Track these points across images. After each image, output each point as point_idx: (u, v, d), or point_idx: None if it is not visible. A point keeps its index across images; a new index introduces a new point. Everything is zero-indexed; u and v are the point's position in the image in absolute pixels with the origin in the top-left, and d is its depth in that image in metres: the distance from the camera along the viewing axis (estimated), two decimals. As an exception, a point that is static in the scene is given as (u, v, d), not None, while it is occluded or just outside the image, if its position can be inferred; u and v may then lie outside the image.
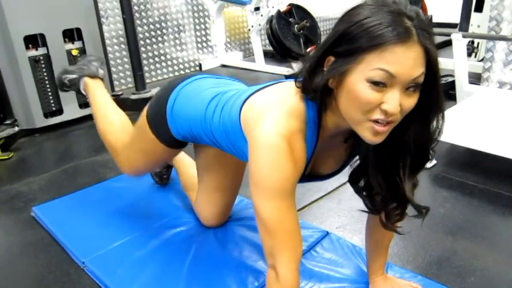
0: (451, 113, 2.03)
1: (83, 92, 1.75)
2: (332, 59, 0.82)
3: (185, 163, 1.70)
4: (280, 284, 0.89)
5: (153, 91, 3.04)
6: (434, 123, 0.88)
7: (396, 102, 0.77)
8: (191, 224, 1.59)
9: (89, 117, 2.88)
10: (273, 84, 1.02)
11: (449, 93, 2.84)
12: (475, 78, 2.94)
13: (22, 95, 2.58)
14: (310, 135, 0.92)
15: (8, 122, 2.54)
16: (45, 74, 2.64)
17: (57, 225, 1.63)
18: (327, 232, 1.50)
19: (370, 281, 1.24)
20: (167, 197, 1.78)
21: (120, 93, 3.11)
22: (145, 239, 1.51)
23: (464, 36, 2.20)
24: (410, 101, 0.80)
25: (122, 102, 3.10)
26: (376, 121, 0.80)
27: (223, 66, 4.24)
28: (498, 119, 1.96)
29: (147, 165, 1.45)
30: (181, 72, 4.03)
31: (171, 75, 3.95)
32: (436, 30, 2.40)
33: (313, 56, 0.86)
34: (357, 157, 1.03)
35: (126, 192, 1.84)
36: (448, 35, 2.24)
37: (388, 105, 0.77)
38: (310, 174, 1.04)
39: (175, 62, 3.95)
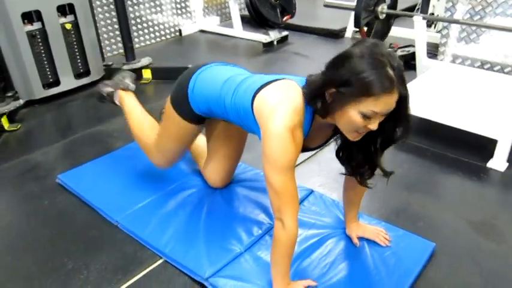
0: (410, 87, 2.39)
1: (117, 103, 2.04)
2: (334, 90, 1.14)
3: None
4: (286, 230, 1.25)
5: (143, 61, 3.25)
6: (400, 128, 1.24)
7: (377, 125, 1.15)
8: (200, 186, 1.92)
9: (84, 88, 3.09)
10: (278, 80, 1.33)
11: (410, 63, 3.21)
12: (433, 47, 3.33)
13: (21, 68, 2.75)
14: (305, 125, 1.27)
15: (9, 94, 2.72)
16: (41, 47, 2.80)
17: (84, 190, 1.92)
18: (312, 190, 1.88)
19: (347, 227, 1.63)
20: (176, 164, 2.09)
21: (110, 63, 3.29)
22: (165, 199, 1.83)
23: (424, 18, 2.53)
24: (382, 119, 1.16)
25: (114, 72, 3.30)
26: (358, 131, 1.18)
27: (202, 31, 4.42)
28: (449, 93, 2.36)
29: (177, 148, 1.71)
30: (163, 38, 4.20)
31: (153, 41, 4.11)
32: (400, 12, 2.72)
33: (320, 82, 1.17)
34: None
35: (137, 159, 2.12)
36: (411, 16, 2.57)
37: (372, 126, 1.15)
38: (302, 148, 1.39)
39: (156, 28, 4.11)
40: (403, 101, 1.15)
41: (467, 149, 2.17)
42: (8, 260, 1.60)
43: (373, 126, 1.15)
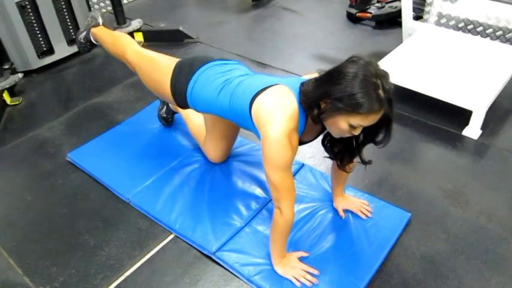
0: (394, 55, 2.52)
1: (95, 42, 2.22)
2: (329, 101, 1.28)
3: (189, 112, 2.13)
4: (283, 216, 1.45)
5: (134, 24, 3.26)
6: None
7: (359, 131, 1.32)
8: (201, 162, 2.10)
9: (78, 54, 3.14)
10: (273, 85, 1.46)
11: (397, 20, 3.28)
12: (421, 2, 3.37)
13: (15, 40, 2.78)
14: (300, 128, 1.43)
15: (6, 66, 2.78)
16: (32, 17, 2.81)
17: (94, 168, 2.08)
18: (303, 164, 2.07)
19: (334, 200, 1.85)
20: (176, 138, 2.26)
21: (101, 26, 3.29)
22: (170, 176, 2.01)
23: (410, -18, 2.59)
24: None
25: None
26: (343, 135, 1.36)
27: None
28: (430, 61, 2.48)
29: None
30: (149, -9, 4.13)
31: (139, -4, 4.05)
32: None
33: (317, 95, 1.31)
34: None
35: (139, 135, 2.28)
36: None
37: (355, 133, 1.32)
38: None
39: (142, -18, 4.02)
40: (388, 120, 1.31)
41: (446, 116, 2.34)
42: (36, 238, 1.80)
43: (357, 132, 1.33)
